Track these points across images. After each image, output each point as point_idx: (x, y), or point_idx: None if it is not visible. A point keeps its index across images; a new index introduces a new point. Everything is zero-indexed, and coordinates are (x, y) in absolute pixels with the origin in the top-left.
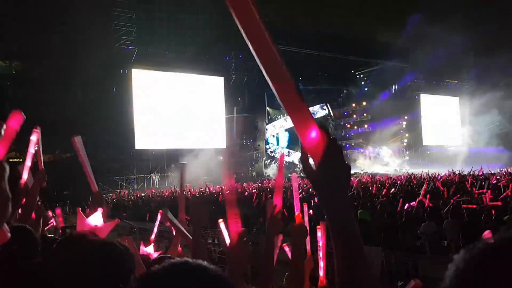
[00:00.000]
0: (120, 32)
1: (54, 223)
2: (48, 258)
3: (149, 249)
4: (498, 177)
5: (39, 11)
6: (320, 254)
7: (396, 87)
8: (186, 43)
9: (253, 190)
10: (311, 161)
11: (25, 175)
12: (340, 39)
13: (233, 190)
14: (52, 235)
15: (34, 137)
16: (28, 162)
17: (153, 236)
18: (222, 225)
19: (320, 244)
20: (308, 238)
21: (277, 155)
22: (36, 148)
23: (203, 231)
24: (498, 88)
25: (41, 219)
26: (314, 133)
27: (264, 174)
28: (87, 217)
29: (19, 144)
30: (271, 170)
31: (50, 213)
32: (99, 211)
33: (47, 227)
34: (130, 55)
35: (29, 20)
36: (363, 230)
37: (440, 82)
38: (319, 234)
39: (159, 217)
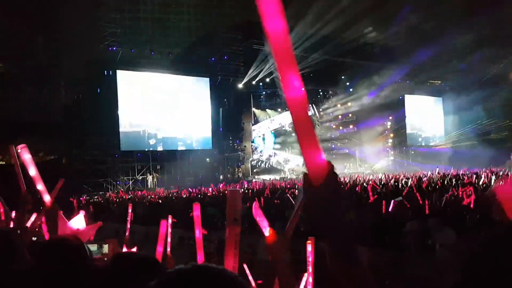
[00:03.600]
0: (104, 33)
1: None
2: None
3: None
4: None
5: (22, 11)
6: (310, 269)
7: (381, 88)
8: (171, 44)
9: (240, 191)
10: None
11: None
12: (326, 40)
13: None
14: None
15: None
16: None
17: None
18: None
19: (310, 259)
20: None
21: (263, 157)
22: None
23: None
24: (481, 89)
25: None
26: (319, 158)
27: (250, 175)
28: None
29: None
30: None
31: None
32: (81, 214)
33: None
34: (115, 56)
35: (12, 21)
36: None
37: (424, 82)
38: (308, 248)
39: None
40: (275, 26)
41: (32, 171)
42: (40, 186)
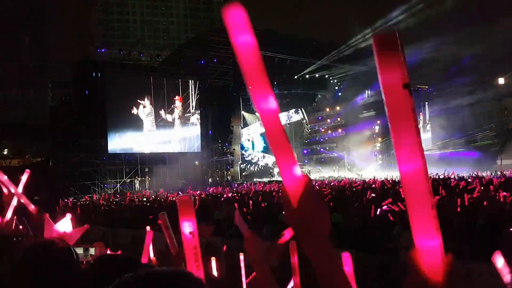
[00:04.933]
0: (93, 34)
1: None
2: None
3: None
4: (469, 180)
5: (9, 11)
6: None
7: (369, 92)
8: (160, 47)
9: (229, 195)
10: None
11: (8, 214)
12: (314, 44)
13: None
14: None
15: (24, 177)
16: (15, 202)
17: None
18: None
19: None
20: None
21: (253, 160)
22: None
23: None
24: (468, 93)
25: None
26: (295, 172)
27: (239, 178)
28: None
29: None
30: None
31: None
32: (68, 217)
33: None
34: (103, 58)
35: None
36: (336, 233)
37: (412, 87)
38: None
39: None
40: (243, 40)
41: (12, 189)
42: (24, 200)
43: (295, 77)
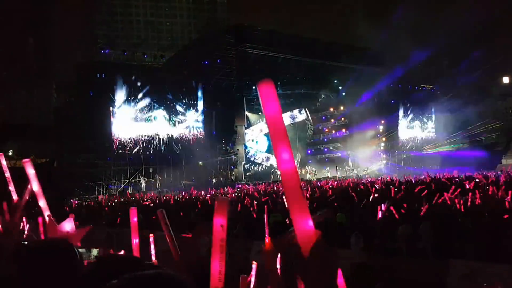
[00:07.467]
0: (96, 35)
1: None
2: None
3: None
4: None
5: (13, 12)
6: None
7: (373, 92)
8: (164, 47)
9: (233, 195)
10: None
11: (16, 218)
12: (318, 44)
13: None
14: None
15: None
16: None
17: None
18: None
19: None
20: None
21: (256, 160)
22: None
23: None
24: (472, 93)
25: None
26: (308, 226)
27: (243, 179)
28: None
29: None
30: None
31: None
32: (71, 217)
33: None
34: (107, 59)
35: (2, 23)
36: (340, 233)
37: (416, 87)
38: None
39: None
40: (272, 109)
41: (35, 187)
42: (42, 203)
43: (299, 77)
